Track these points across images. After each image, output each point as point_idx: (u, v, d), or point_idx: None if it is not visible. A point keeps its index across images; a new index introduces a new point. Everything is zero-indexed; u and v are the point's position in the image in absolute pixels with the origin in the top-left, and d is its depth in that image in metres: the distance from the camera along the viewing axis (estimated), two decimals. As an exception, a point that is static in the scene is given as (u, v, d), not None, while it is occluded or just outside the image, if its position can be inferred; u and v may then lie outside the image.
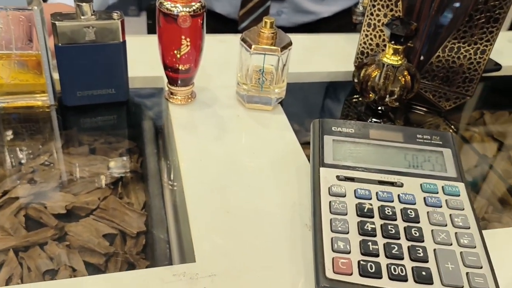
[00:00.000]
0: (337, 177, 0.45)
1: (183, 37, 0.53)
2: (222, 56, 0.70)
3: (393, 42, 0.54)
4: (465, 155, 0.64)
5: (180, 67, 0.55)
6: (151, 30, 2.34)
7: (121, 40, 0.54)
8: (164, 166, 0.57)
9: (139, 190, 0.53)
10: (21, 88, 0.55)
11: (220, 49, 0.73)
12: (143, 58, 0.66)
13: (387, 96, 0.57)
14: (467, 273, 0.38)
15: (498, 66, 0.75)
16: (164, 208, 0.51)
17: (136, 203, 0.52)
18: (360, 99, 0.66)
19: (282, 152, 0.54)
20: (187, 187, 0.48)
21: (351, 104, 0.68)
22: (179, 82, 0.57)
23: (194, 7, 0.52)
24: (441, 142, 0.49)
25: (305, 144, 0.55)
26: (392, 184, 0.45)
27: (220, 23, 0.99)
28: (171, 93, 0.59)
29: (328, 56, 0.75)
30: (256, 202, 0.47)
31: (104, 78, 0.55)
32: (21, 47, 0.52)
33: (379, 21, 0.61)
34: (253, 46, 0.55)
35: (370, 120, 0.62)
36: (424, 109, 0.65)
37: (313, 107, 0.69)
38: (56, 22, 0.50)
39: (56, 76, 0.55)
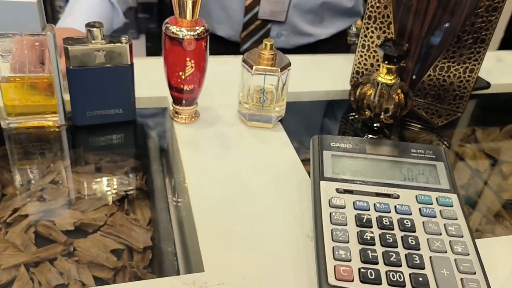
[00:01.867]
0: (337, 190, 0.48)
1: (188, 59, 0.55)
2: (224, 77, 0.73)
3: (386, 62, 0.57)
4: (458, 170, 0.66)
5: (184, 88, 0.58)
6: (150, 52, 2.38)
7: (129, 63, 0.56)
8: (169, 183, 0.59)
9: (145, 206, 0.55)
10: (33, 109, 0.57)
11: (222, 70, 0.76)
12: (147, 79, 0.68)
13: (382, 113, 0.59)
14: (461, 279, 0.41)
15: (487, 85, 0.78)
16: (170, 223, 0.53)
17: (142, 219, 0.54)
18: (356, 116, 0.69)
19: (283, 167, 0.56)
20: (194, 200, 0.50)
21: (348, 121, 0.71)
22: (183, 101, 0.60)
23: (198, 31, 0.55)
24: (434, 156, 0.52)
25: (304, 160, 0.57)
26: (388, 196, 0.48)
27: (222, 46, 1.03)
28: (176, 112, 0.62)
29: (325, 76, 0.78)
30: (259, 214, 0.49)
31: (113, 98, 0.58)
32: (33, 70, 0.55)
33: (372, 42, 0.64)
34: (254, 67, 0.58)
35: (366, 136, 0.65)
36: (417, 125, 0.68)
37: (312, 124, 0.71)
38: (69, 47, 0.53)
39: (66, 97, 0.58)
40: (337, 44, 1.09)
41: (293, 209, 0.50)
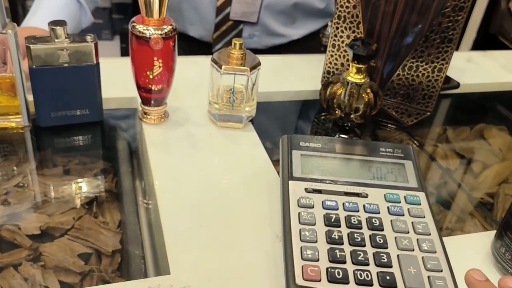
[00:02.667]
0: (306, 189, 0.47)
1: (155, 58, 0.55)
2: (194, 77, 0.72)
3: (355, 61, 0.57)
4: (429, 169, 0.67)
5: (153, 88, 0.57)
6: (124, 53, 2.35)
7: (95, 62, 0.55)
8: (139, 185, 0.58)
9: (114, 209, 0.53)
10: (-6, 110, 0.56)
11: (192, 70, 0.75)
12: (117, 80, 0.67)
13: (352, 112, 0.59)
14: (428, 277, 0.41)
15: (457, 84, 0.79)
16: (139, 225, 0.52)
17: (111, 222, 0.52)
18: (327, 116, 0.69)
19: (253, 168, 0.56)
20: (162, 203, 0.49)
21: (320, 121, 0.71)
22: (152, 102, 0.59)
23: (165, 30, 0.54)
24: (402, 155, 0.52)
25: (275, 161, 0.57)
26: (357, 195, 0.47)
27: (194, 46, 1.02)
28: (145, 113, 0.61)
29: (297, 76, 0.78)
30: (228, 216, 0.48)
31: (78, 99, 0.57)
32: (-6, 70, 0.53)
33: (343, 42, 0.65)
34: (223, 67, 0.57)
35: (337, 135, 0.65)
36: (388, 125, 0.69)
37: (283, 124, 0.71)
38: (31, 45, 0.51)
39: (30, 97, 0.56)
40: (312, 45, 1.09)
41: (263, 210, 0.50)
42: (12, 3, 1.82)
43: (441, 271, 0.41)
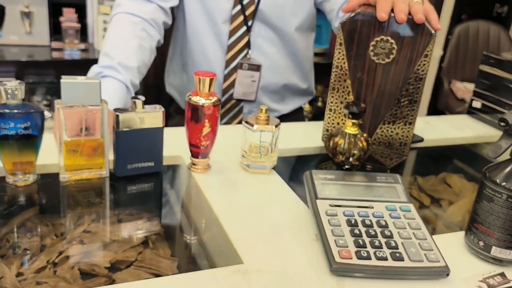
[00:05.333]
0: (330, 205, 0.66)
1: (206, 120, 0.74)
2: (221, 139, 0.91)
3: (350, 117, 0.78)
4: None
5: (202, 144, 0.76)
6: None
7: (162, 125, 0.74)
8: (188, 222, 0.74)
9: (165, 246, 0.66)
10: (84, 166, 0.73)
11: (219, 135, 0.94)
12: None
13: (351, 157, 0.80)
14: (424, 254, 0.59)
15: (421, 139, 1.01)
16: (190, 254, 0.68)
17: (167, 254, 0.66)
18: (330, 162, 0.89)
19: (282, 197, 0.74)
20: (223, 221, 0.66)
21: (325, 167, 0.91)
22: (200, 155, 0.77)
23: (213, 100, 0.74)
24: (393, 180, 0.72)
25: (296, 192, 0.75)
26: (366, 207, 0.66)
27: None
28: (193, 164, 0.79)
29: (296, 138, 0.98)
30: (277, 226, 0.66)
31: (148, 153, 0.75)
32: (87, 134, 0.71)
33: (337, 106, 0.86)
34: (254, 126, 0.77)
35: (339, 177, 0.84)
36: (375, 166, 0.89)
37: (296, 170, 0.90)
38: (120, 114, 0.70)
39: (110, 155, 0.74)
40: (295, 117, 1.32)
41: (298, 221, 0.67)
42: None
43: (432, 250, 0.60)
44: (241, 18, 1.12)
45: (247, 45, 1.15)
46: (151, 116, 0.73)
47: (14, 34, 2.00)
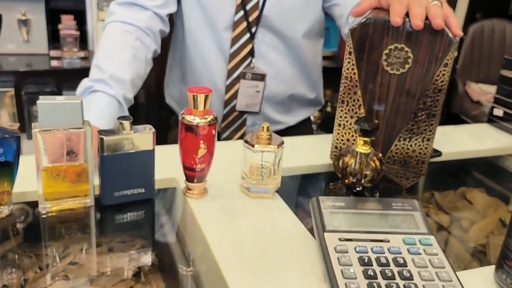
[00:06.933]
0: (339, 239, 0.58)
1: (201, 142, 0.66)
2: (221, 158, 0.84)
3: (362, 135, 0.70)
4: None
5: (197, 167, 0.68)
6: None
7: (152, 148, 0.67)
8: (181, 254, 0.67)
9: (158, 278, 0.60)
10: (66, 194, 0.66)
11: (218, 153, 0.87)
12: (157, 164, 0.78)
13: (362, 178, 0.72)
14: (450, 299, 0.51)
15: (439, 153, 0.93)
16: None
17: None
18: (337, 184, 0.81)
19: (286, 226, 0.66)
20: (217, 254, 0.58)
21: (331, 189, 0.83)
22: (195, 179, 0.70)
23: (209, 119, 0.67)
24: (411, 208, 0.64)
25: (303, 220, 0.68)
26: (381, 241, 0.58)
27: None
28: (188, 189, 0.71)
29: (304, 154, 0.90)
30: (279, 262, 0.58)
31: (137, 179, 0.67)
32: (69, 159, 0.64)
33: (347, 121, 0.78)
34: (255, 146, 0.69)
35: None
36: (390, 187, 0.81)
37: (302, 193, 0.82)
38: (104, 137, 0.63)
39: (96, 180, 0.67)
40: (303, 129, 1.24)
41: (302, 257, 0.59)
42: (20, 107, 1.96)
43: (459, 294, 0.52)
44: (244, 24, 1.05)
45: (251, 53, 1.07)
46: (140, 138, 0.65)
47: (11, 43, 1.95)
